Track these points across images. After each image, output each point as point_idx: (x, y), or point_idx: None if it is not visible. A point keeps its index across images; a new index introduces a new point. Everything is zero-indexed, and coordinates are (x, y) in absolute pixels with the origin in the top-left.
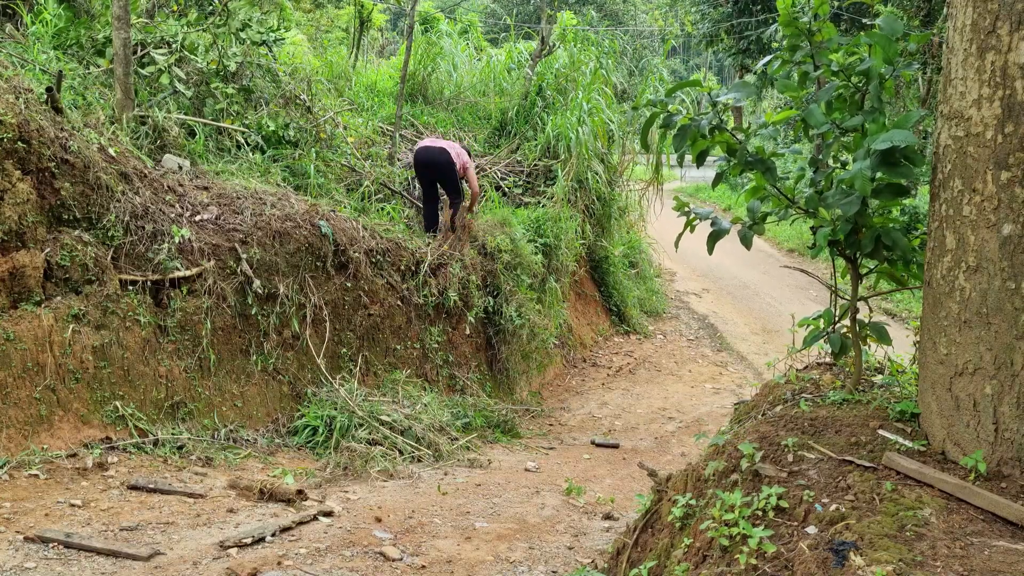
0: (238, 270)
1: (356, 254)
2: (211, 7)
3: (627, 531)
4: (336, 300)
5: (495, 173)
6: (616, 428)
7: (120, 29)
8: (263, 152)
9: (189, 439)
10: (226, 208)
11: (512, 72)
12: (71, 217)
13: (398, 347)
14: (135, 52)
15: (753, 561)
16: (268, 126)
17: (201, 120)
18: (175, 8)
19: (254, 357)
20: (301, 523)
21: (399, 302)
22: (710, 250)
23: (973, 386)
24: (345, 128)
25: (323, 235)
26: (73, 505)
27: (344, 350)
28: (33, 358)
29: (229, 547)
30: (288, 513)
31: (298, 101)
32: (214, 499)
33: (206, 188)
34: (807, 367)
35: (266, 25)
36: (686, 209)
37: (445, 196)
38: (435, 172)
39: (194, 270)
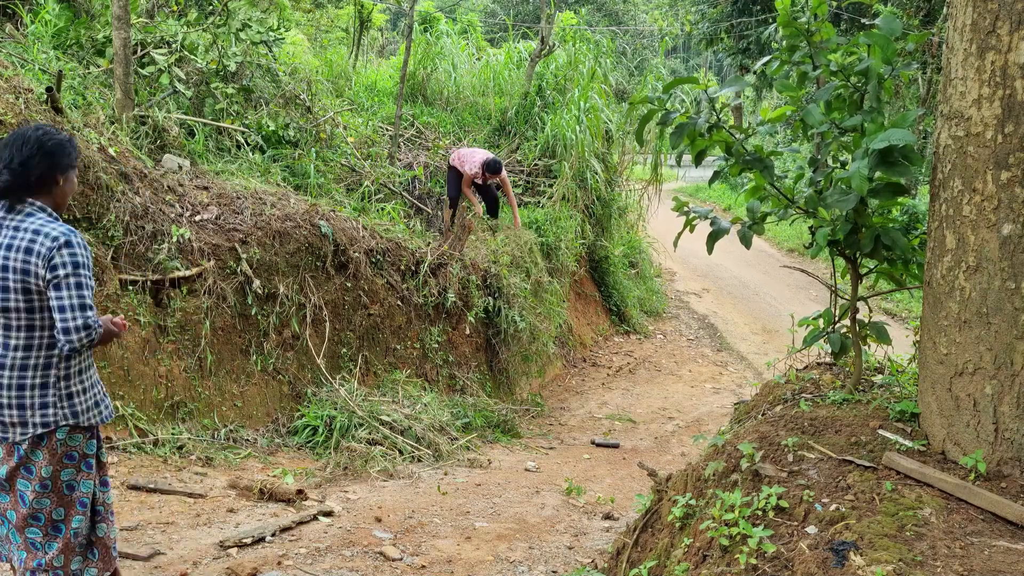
0: (238, 270)
1: (356, 254)
2: (211, 7)
3: (627, 531)
4: (336, 300)
5: None
6: (616, 428)
7: (120, 29)
8: (263, 152)
9: (189, 439)
10: (226, 208)
11: (511, 72)
12: (71, 217)
13: (398, 347)
14: (135, 52)
15: (753, 561)
16: (268, 126)
17: (201, 120)
18: (175, 8)
19: (254, 357)
20: (301, 523)
21: (399, 302)
22: (710, 250)
23: (973, 386)
24: (345, 128)
25: (323, 235)
26: None
27: (344, 350)
28: None
29: (229, 547)
30: (288, 513)
31: (298, 101)
32: (214, 499)
33: (206, 188)
34: (807, 367)
35: (266, 25)
36: (685, 209)
37: (446, 197)
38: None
39: (194, 270)
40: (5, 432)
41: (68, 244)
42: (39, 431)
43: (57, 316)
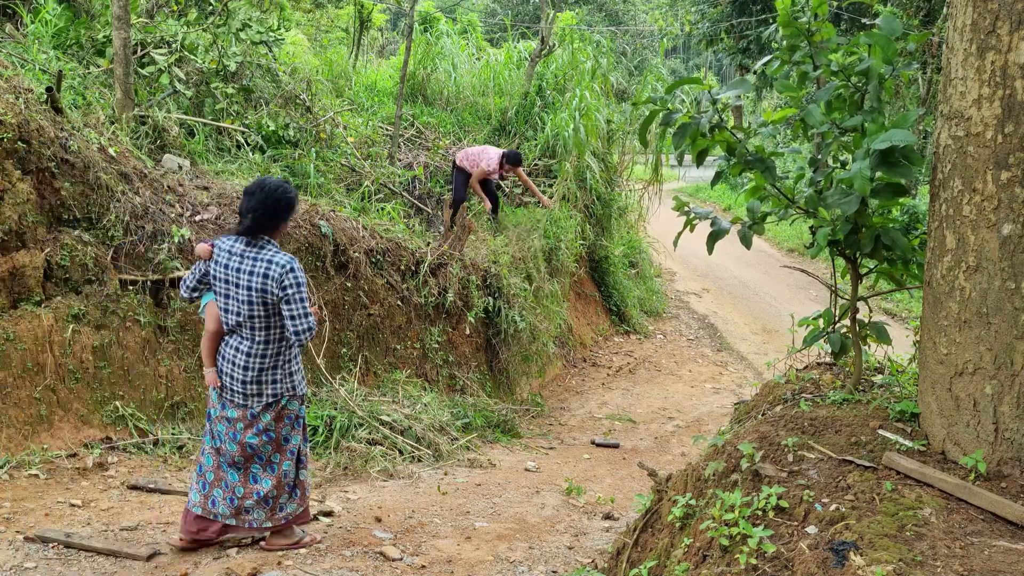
0: None
1: (356, 254)
2: (211, 7)
3: (627, 531)
4: (336, 300)
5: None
6: (616, 428)
7: (120, 29)
8: (263, 152)
9: (189, 439)
10: (226, 208)
11: (512, 72)
12: (71, 217)
13: (398, 347)
14: (135, 52)
15: (753, 561)
16: (268, 126)
17: (201, 120)
18: (175, 8)
19: None
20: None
21: (399, 302)
22: (710, 250)
23: (973, 386)
24: (345, 128)
25: (323, 235)
26: (73, 505)
27: (344, 350)
28: (33, 358)
29: (229, 547)
30: None
31: (298, 101)
32: None
33: (206, 188)
34: (807, 367)
35: (266, 25)
36: (685, 209)
37: (446, 197)
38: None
39: None
40: (245, 401)
41: (292, 270)
42: (270, 400)
43: (288, 322)
